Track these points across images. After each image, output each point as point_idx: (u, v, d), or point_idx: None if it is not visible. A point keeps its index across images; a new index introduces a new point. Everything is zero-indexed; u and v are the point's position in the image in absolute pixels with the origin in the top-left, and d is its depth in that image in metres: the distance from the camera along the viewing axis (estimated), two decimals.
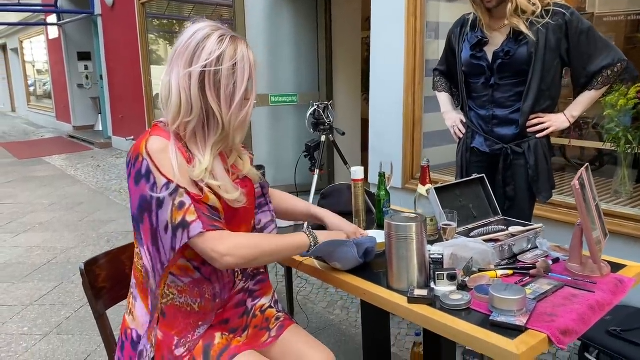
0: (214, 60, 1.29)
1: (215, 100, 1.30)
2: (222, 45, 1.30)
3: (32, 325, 2.93)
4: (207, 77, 1.29)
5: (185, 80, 1.29)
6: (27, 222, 5.02)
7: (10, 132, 13.11)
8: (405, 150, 3.79)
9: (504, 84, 2.05)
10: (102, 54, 9.46)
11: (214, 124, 1.33)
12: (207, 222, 1.28)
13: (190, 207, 1.27)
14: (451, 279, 1.36)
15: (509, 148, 2.07)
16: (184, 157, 1.31)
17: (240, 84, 1.32)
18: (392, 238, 1.39)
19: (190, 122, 1.31)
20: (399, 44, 3.69)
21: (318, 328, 2.75)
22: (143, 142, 1.30)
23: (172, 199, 1.26)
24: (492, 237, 1.65)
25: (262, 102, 5.09)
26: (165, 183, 1.26)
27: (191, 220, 1.26)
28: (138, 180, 1.28)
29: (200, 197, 1.29)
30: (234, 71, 1.31)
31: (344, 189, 2.16)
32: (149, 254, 1.33)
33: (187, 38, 1.31)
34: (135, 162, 1.29)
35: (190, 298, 1.39)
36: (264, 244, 1.38)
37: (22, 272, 3.74)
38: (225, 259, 1.29)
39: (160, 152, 1.28)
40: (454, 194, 1.78)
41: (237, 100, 1.32)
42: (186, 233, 1.26)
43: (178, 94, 1.29)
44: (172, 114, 1.31)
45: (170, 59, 1.33)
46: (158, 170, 1.27)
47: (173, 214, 1.26)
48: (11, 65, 17.35)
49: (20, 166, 8.17)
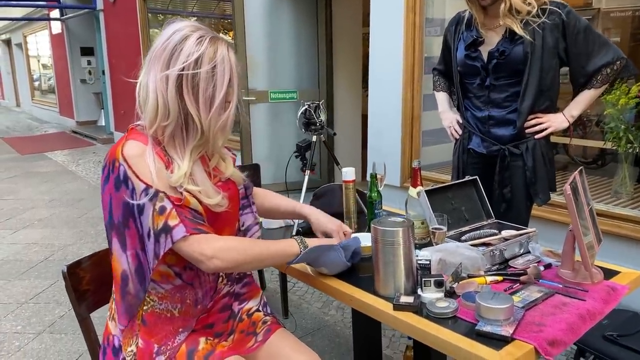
0: (192, 63, 1.24)
1: (193, 105, 1.27)
2: (200, 47, 1.26)
3: (26, 323, 2.92)
4: (184, 80, 1.25)
5: (162, 83, 1.25)
6: (26, 218, 5.02)
7: (14, 127, 13.14)
8: (403, 148, 3.75)
9: (500, 84, 2.01)
10: (104, 49, 9.44)
11: (192, 128, 1.30)
12: (191, 225, 1.25)
13: (172, 211, 1.24)
14: (438, 285, 1.33)
15: (506, 149, 2.03)
16: (162, 162, 1.27)
17: (220, 87, 1.28)
18: (379, 243, 1.36)
19: (168, 126, 1.27)
20: (397, 40, 3.65)
21: (312, 329, 2.72)
22: (119, 147, 1.27)
23: (153, 204, 1.23)
24: (484, 241, 1.61)
25: (261, 98, 5.05)
26: (144, 189, 1.23)
27: (173, 224, 1.23)
28: (118, 186, 1.25)
29: (181, 201, 1.26)
30: (214, 74, 1.27)
31: (337, 189, 2.12)
32: (136, 259, 1.30)
33: (165, 39, 1.27)
34: (113, 168, 1.26)
35: (171, 304, 1.37)
36: (253, 249, 1.35)
37: (19, 269, 3.73)
38: (212, 261, 1.26)
39: (137, 157, 1.24)
40: (445, 196, 1.74)
41: (217, 104, 1.28)
42: (169, 238, 1.23)
43: (155, 98, 1.26)
44: (149, 118, 1.27)
45: (148, 61, 1.29)
46: (136, 176, 1.23)
47: (154, 219, 1.23)
48: (15, 60, 17.37)
49: (23, 161, 8.18)
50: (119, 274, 1.34)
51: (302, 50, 5.19)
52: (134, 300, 1.33)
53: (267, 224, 1.98)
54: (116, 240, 1.31)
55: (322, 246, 1.43)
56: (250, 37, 4.87)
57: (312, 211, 1.67)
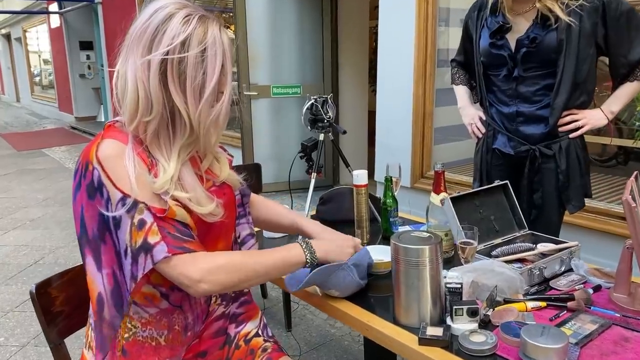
0: (178, 46, 1.04)
1: (180, 95, 1.06)
2: (187, 27, 1.05)
3: (10, 335, 2.71)
4: (169, 66, 1.04)
5: (143, 70, 1.04)
6: (18, 218, 4.82)
7: (13, 123, 12.95)
8: (414, 147, 3.52)
9: (529, 75, 1.78)
10: (103, 43, 9.24)
11: (180, 124, 1.09)
12: (173, 244, 1.04)
13: (153, 226, 1.03)
14: (472, 314, 1.12)
15: (536, 150, 1.80)
16: (145, 164, 1.07)
17: (211, 74, 1.07)
18: (400, 263, 1.14)
19: (151, 121, 1.07)
20: (408, 32, 3.42)
21: (318, 343, 2.51)
22: (93, 147, 1.06)
23: (130, 216, 1.02)
24: (519, 257, 1.39)
25: (263, 93, 4.83)
26: (121, 198, 1.02)
27: (154, 241, 1.03)
28: (92, 194, 1.05)
29: (165, 212, 1.05)
30: (203, 58, 1.06)
31: (346, 192, 1.91)
32: (113, 279, 1.09)
33: (145, 19, 1.06)
34: (86, 173, 1.05)
35: (156, 330, 1.16)
36: (247, 264, 1.14)
37: (6, 273, 3.53)
38: (199, 286, 1.05)
39: (113, 159, 1.04)
40: (472, 204, 1.52)
41: (207, 94, 1.07)
42: (149, 258, 1.02)
43: (135, 88, 1.05)
44: (129, 112, 1.07)
45: (126, 45, 1.08)
46: (111, 182, 1.03)
47: (132, 235, 1.02)
48: (15, 54, 17.17)
49: (19, 158, 7.99)
50: (94, 297, 1.14)
51: (306, 43, 4.97)
52: (108, 330, 1.13)
53: (268, 232, 1.77)
54: (90, 258, 1.11)
55: (330, 266, 1.22)
56: (252, 29, 4.65)
57: (315, 229, 1.40)
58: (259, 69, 4.79)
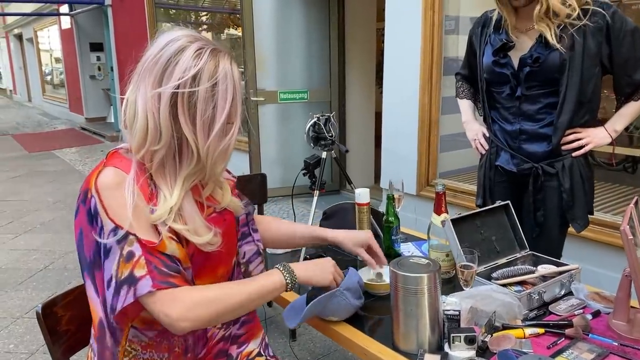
0: (189, 80, 1.05)
1: (189, 127, 1.07)
2: (199, 61, 1.06)
3: (19, 342, 2.76)
4: (180, 99, 1.05)
5: (154, 102, 1.05)
6: (28, 221, 4.88)
7: (24, 123, 13.08)
8: (420, 154, 3.53)
9: (532, 94, 1.78)
10: (113, 45, 9.30)
11: (187, 153, 1.10)
12: (158, 278, 1.04)
13: (140, 260, 1.03)
14: (470, 342, 1.12)
15: (539, 167, 1.80)
16: (144, 194, 1.08)
17: (222, 109, 1.08)
18: (399, 291, 1.15)
19: (159, 151, 1.08)
20: (415, 40, 3.42)
21: (322, 354, 2.53)
22: (95, 174, 1.08)
23: (120, 247, 1.03)
24: (519, 280, 1.40)
25: (270, 99, 4.85)
26: (113, 228, 1.03)
27: (140, 275, 1.02)
28: (91, 220, 1.06)
29: (155, 245, 1.05)
30: (214, 93, 1.07)
31: (350, 208, 1.92)
32: (104, 307, 1.11)
33: (158, 50, 1.08)
34: (85, 200, 1.07)
35: (157, 353, 1.18)
36: (225, 296, 1.12)
37: (16, 279, 3.58)
38: (179, 324, 1.04)
39: (111, 190, 1.05)
40: (474, 225, 1.53)
41: (217, 128, 1.08)
42: (132, 291, 1.02)
43: (145, 118, 1.06)
44: (137, 141, 1.08)
45: (138, 74, 1.10)
46: (105, 212, 1.04)
47: (120, 266, 1.03)
48: (27, 55, 17.33)
49: (30, 160, 8.07)
50: (96, 322, 1.15)
51: (313, 47, 4.97)
52: (111, 357, 1.15)
53: (271, 249, 1.79)
54: (89, 282, 1.12)
55: (324, 296, 1.23)
56: (259, 33, 4.66)
57: (336, 234, 1.44)
58: (266, 74, 4.81)
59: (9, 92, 21.51)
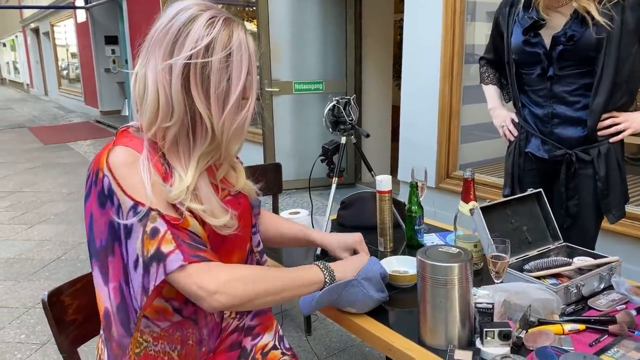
0: (202, 50, 0.99)
1: (203, 102, 1.01)
2: (212, 30, 1.00)
3: (30, 332, 2.72)
4: (192, 71, 0.99)
5: (165, 74, 0.99)
6: (42, 212, 4.87)
7: (41, 116, 13.17)
8: (440, 146, 3.42)
9: (566, 74, 1.67)
10: (127, 37, 9.30)
11: (201, 130, 1.04)
12: (189, 252, 0.99)
13: (167, 235, 0.98)
14: (504, 337, 1.03)
15: (573, 154, 1.70)
16: (159, 173, 1.02)
17: (237, 81, 1.02)
18: (427, 281, 1.06)
19: (171, 128, 1.01)
20: (435, 27, 3.31)
21: (338, 348, 2.45)
22: (104, 153, 1.01)
23: (143, 224, 0.97)
24: (554, 273, 1.30)
25: (285, 90, 4.77)
26: (132, 206, 0.97)
27: (168, 250, 0.97)
28: (103, 202, 0.99)
29: (179, 222, 0.99)
30: (228, 64, 1.01)
31: (369, 197, 1.84)
32: (119, 294, 1.04)
33: (168, 20, 1.01)
34: (96, 180, 1.00)
35: (169, 345, 1.11)
36: (266, 279, 1.08)
37: (29, 269, 3.56)
38: (215, 297, 0.99)
39: (125, 167, 0.99)
40: (504, 214, 1.43)
41: (232, 101, 1.02)
42: (162, 268, 0.97)
43: (155, 92, 1.00)
44: (148, 117, 1.02)
45: (146, 47, 1.03)
46: (122, 190, 0.98)
47: (145, 244, 0.97)
48: (43, 49, 17.46)
49: (45, 152, 8.11)
50: (102, 312, 1.09)
51: (329, 37, 4.88)
52: (117, 349, 1.08)
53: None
54: (97, 270, 1.06)
55: (339, 284, 1.15)
56: (274, 23, 4.58)
57: (323, 236, 1.40)
58: (281, 64, 4.73)
59: (26, 86, 21.72)
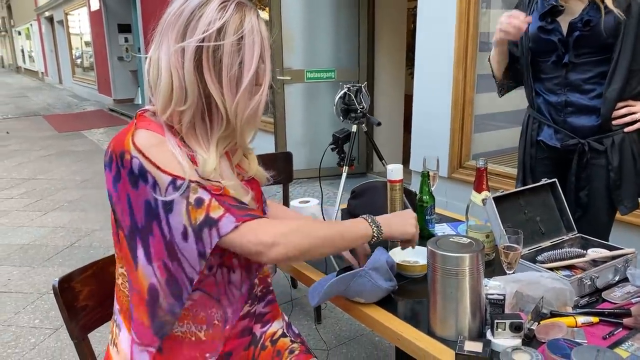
0: (214, 33, 1.00)
1: (216, 85, 1.02)
2: (224, 14, 1.00)
3: (44, 317, 2.76)
4: (204, 54, 1.00)
5: (177, 57, 1.00)
6: (56, 199, 4.92)
7: (55, 104, 13.29)
8: (453, 135, 3.38)
9: (582, 62, 1.64)
10: (140, 26, 9.30)
11: (217, 115, 1.05)
12: (239, 213, 1.01)
13: (212, 202, 1.00)
14: (515, 329, 1.02)
15: (586, 144, 1.66)
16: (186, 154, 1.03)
17: (249, 65, 1.03)
18: (437, 272, 1.05)
19: (186, 111, 1.02)
20: (449, 14, 3.26)
21: (348, 337, 2.45)
22: (128, 136, 1.01)
23: (185, 197, 0.98)
24: (567, 264, 1.28)
25: (297, 78, 4.74)
26: (171, 181, 0.98)
27: (218, 215, 0.99)
28: (135, 182, 0.99)
29: (220, 190, 1.02)
30: (240, 47, 1.02)
31: (380, 187, 1.82)
32: (165, 271, 1.05)
33: (180, 3, 1.03)
34: (123, 162, 0.99)
35: (194, 325, 1.12)
36: (319, 230, 1.12)
37: (43, 255, 3.60)
38: (274, 249, 1.03)
39: (155, 146, 1.00)
40: (517, 204, 1.41)
41: (245, 84, 1.03)
42: (215, 231, 0.99)
43: (168, 75, 1.01)
44: (162, 101, 1.03)
45: (160, 31, 1.04)
46: (157, 168, 0.98)
47: (191, 214, 0.98)
48: (58, 37, 17.56)
49: (59, 139, 8.18)
50: (144, 288, 1.08)
51: (342, 26, 4.83)
52: (168, 316, 1.08)
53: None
54: (141, 249, 1.05)
55: (346, 275, 1.15)
56: (286, 11, 4.54)
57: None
58: (292, 52, 4.69)
59: (41, 74, 21.90)
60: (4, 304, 2.92)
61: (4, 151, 7.37)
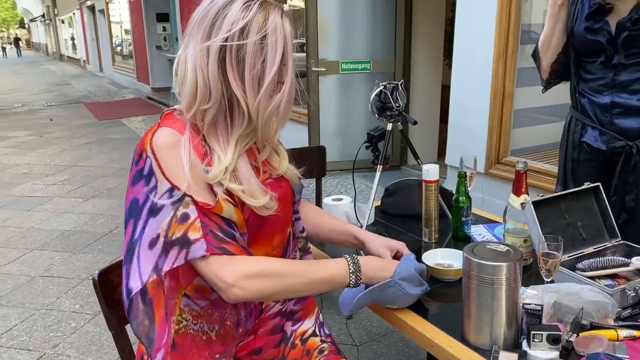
0: (237, 32, 1.01)
1: (238, 84, 1.03)
2: (248, 13, 1.01)
3: (84, 302, 2.86)
4: (228, 53, 1.01)
5: (202, 57, 1.02)
6: (96, 186, 5.07)
7: (95, 92, 13.64)
8: (491, 130, 3.30)
9: (632, 62, 1.56)
10: (178, 15, 9.42)
11: (238, 113, 1.06)
12: (214, 243, 1.01)
13: (195, 222, 1.00)
14: (553, 342, 0.99)
15: (633, 146, 1.59)
16: (199, 154, 1.04)
17: (271, 63, 1.03)
18: (472, 279, 1.03)
19: (209, 110, 1.04)
20: (490, 4, 3.16)
21: (379, 334, 2.44)
22: (149, 135, 1.04)
23: (175, 208, 1.00)
24: (609, 273, 1.23)
25: (332, 69, 4.71)
26: (169, 189, 1.00)
27: (194, 238, 1.00)
28: (135, 180, 1.03)
29: (211, 207, 1.02)
30: (263, 46, 1.03)
31: (414, 185, 1.80)
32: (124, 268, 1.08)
33: (207, 4, 1.05)
34: (139, 160, 1.03)
35: (207, 324, 1.14)
36: (286, 274, 1.08)
37: (84, 241, 3.72)
38: (232, 290, 1.02)
39: (167, 149, 1.02)
40: (557, 209, 1.36)
41: (267, 83, 1.04)
42: (184, 253, 1.00)
43: (194, 74, 1.03)
44: (187, 99, 1.05)
45: (188, 32, 1.06)
46: (161, 172, 1.01)
47: (172, 226, 1.00)
48: (99, 26, 17.98)
49: (99, 127, 8.41)
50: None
51: (378, 15, 4.76)
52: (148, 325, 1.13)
53: None
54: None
55: (376, 287, 1.13)
56: (322, 1, 4.51)
57: (368, 236, 1.35)
58: (328, 43, 4.66)
59: (83, 62, 22.51)
60: (46, 288, 3.03)
61: (48, 138, 7.63)
